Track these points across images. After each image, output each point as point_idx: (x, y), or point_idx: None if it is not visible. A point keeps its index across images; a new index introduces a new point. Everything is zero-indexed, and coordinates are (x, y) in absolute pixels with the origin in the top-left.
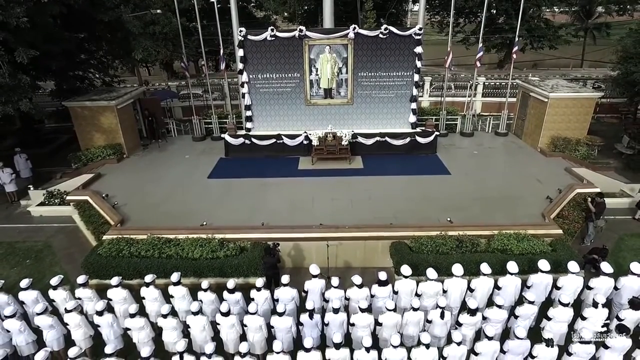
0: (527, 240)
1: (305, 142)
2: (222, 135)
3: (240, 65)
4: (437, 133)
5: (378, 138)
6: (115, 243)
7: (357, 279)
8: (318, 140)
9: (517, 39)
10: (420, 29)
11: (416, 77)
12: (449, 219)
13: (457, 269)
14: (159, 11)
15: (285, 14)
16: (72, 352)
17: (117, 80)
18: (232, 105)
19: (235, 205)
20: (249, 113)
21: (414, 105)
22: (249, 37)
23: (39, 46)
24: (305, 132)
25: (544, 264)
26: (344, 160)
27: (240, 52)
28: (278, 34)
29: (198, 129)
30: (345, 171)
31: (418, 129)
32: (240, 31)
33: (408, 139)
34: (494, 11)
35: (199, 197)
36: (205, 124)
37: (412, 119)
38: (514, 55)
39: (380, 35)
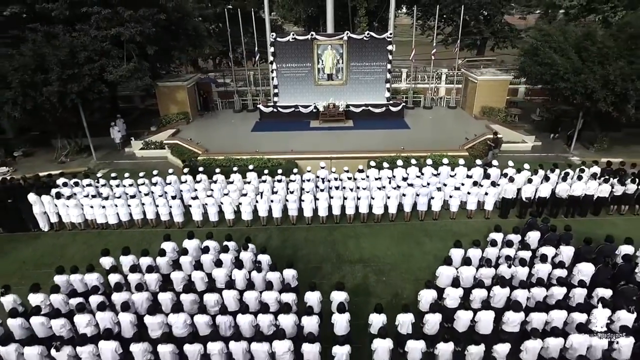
0: (446, 157)
1: (314, 110)
2: (258, 106)
3: (271, 58)
4: (404, 104)
5: (363, 107)
6: (205, 160)
7: (345, 167)
8: (323, 108)
9: (459, 39)
10: (390, 33)
11: (389, 66)
12: (402, 147)
13: (399, 162)
14: (200, 19)
15: (293, 19)
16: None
17: (176, 70)
18: (261, 90)
19: (272, 145)
20: (276, 90)
21: (387, 86)
22: (278, 39)
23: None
24: (314, 103)
25: (445, 160)
26: (341, 121)
27: (271, 49)
28: (297, 37)
29: (238, 103)
30: (341, 128)
31: (391, 102)
32: (272, 35)
33: (384, 108)
34: (467, 17)
35: (247, 140)
36: (242, 101)
37: (387, 94)
38: (456, 50)
39: (364, 38)
